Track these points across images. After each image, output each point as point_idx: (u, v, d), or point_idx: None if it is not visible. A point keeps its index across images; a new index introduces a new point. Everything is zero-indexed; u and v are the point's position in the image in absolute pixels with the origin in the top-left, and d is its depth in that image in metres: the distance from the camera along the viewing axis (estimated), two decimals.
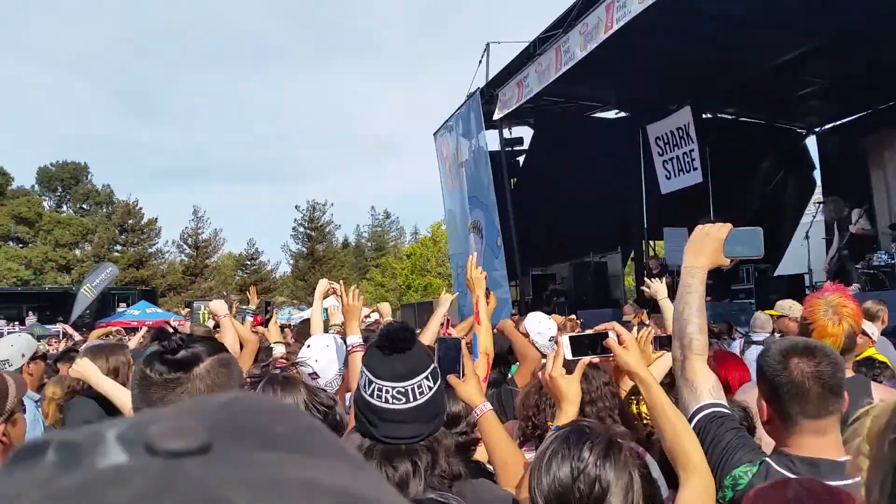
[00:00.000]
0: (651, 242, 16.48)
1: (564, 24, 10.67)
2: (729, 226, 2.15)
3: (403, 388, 1.69)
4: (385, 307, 5.49)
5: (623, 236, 16.36)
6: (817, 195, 15.65)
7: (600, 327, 2.06)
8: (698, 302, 2.10)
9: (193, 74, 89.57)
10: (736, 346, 5.63)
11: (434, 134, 17.07)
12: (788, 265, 14.56)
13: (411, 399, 1.69)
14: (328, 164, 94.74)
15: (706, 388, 2.01)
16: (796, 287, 10.80)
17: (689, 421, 1.92)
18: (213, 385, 1.35)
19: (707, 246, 2.13)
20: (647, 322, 6.87)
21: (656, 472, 2.05)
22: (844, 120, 15.07)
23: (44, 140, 75.61)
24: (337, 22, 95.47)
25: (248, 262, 51.30)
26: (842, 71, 12.26)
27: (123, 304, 30.24)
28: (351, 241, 56.93)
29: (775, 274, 13.47)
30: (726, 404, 2.08)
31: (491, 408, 2.22)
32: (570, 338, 2.08)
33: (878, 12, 9.62)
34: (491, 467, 2.21)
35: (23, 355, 3.63)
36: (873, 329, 5.98)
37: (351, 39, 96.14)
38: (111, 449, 0.30)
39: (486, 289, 5.60)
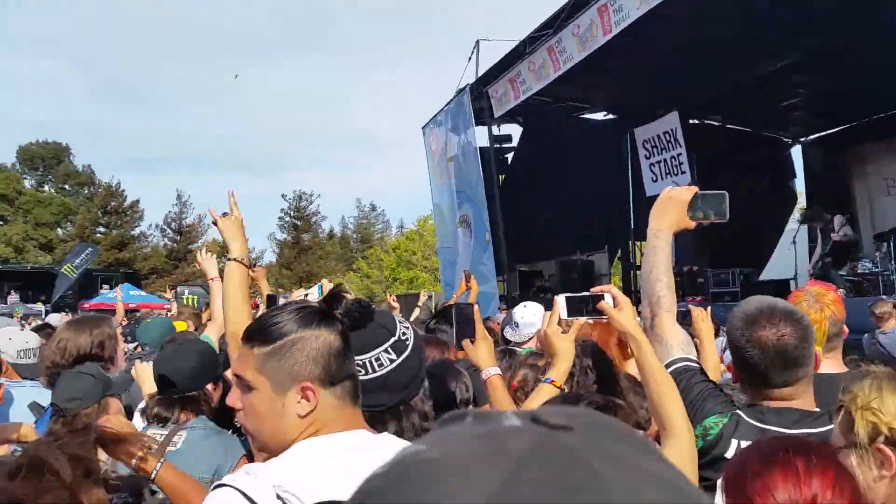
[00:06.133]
0: (637, 243, 16.62)
1: (555, 24, 10.74)
2: (694, 189, 2.18)
3: (361, 360, 1.76)
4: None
5: (610, 236, 16.49)
6: (801, 202, 15.86)
7: (596, 289, 2.07)
8: (665, 262, 2.14)
9: (179, 63, 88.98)
10: (719, 344, 5.74)
11: (423, 128, 17.09)
12: (775, 270, 14.75)
13: (370, 371, 1.77)
14: (315, 156, 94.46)
15: (676, 343, 2.05)
16: (782, 291, 10.95)
17: None
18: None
19: (671, 209, 2.17)
20: None
21: None
22: (828, 132, 15.28)
23: (26, 120, 74.71)
24: (328, 15, 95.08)
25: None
26: (824, 84, 12.48)
27: (107, 286, 29.96)
28: (336, 232, 56.82)
29: (760, 278, 13.64)
30: (696, 359, 2.11)
31: (499, 371, 2.31)
32: (567, 297, 2.10)
33: (855, 32, 9.82)
34: None
35: (18, 352, 3.52)
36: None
37: (342, 32, 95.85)
38: (510, 417, 0.45)
39: (468, 274, 5.64)
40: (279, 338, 1.41)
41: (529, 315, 4.44)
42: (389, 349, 1.83)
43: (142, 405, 2.75)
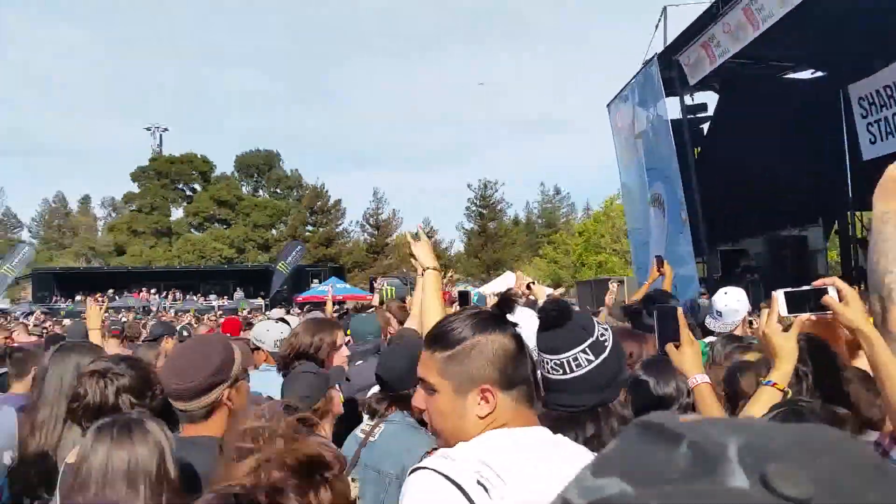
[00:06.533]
0: (858, 213, 14.92)
1: None
2: None
3: (559, 360, 1.83)
4: (539, 289, 5.54)
5: (824, 207, 14.98)
6: None
7: (818, 282, 1.93)
8: (895, 249, 1.92)
9: (367, 64, 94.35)
10: None
11: (608, 105, 16.55)
12: None
13: (567, 371, 1.83)
14: (499, 143, 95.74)
15: None
16: None
17: None
18: None
19: None
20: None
21: None
22: None
23: (241, 131, 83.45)
24: (497, 4, 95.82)
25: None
26: None
27: (316, 280, 32.63)
28: (521, 218, 57.12)
29: None
30: None
31: (707, 380, 2.19)
32: (786, 293, 1.97)
33: None
34: None
35: (275, 342, 3.99)
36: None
37: (512, 15, 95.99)
38: (736, 470, 0.37)
39: (660, 259, 5.36)
40: (457, 343, 1.48)
41: (732, 301, 4.20)
42: (587, 350, 1.84)
43: (368, 396, 2.90)
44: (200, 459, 1.96)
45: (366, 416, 2.77)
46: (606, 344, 1.87)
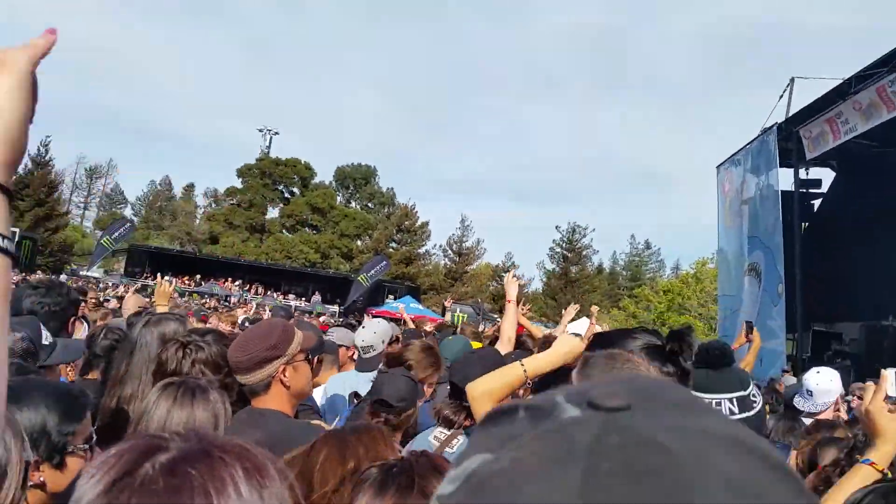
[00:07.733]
0: None
1: (890, 63, 9.60)
2: None
3: (703, 400, 1.73)
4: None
5: None
6: None
7: None
8: None
9: (480, 97, 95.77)
10: None
11: (717, 167, 16.24)
12: None
13: None
14: (594, 188, 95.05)
15: None
16: None
17: None
18: None
19: None
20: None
21: None
22: None
23: (345, 144, 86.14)
24: (620, 52, 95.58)
25: (503, 274, 53.07)
26: None
27: (391, 296, 33.12)
28: (606, 267, 56.20)
29: None
30: None
31: None
32: None
33: None
34: None
35: (383, 342, 3.95)
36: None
37: (633, 68, 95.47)
38: (567, 408, 0.43)
39: (751, 325, 5.22)
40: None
41: (825, 381, 4.16)
42: (735, 401, 1.80)
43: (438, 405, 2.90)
44: (269, 427, 2.10)
45: (433, 421, 2.75)
46: (755, 405, 1.82)
